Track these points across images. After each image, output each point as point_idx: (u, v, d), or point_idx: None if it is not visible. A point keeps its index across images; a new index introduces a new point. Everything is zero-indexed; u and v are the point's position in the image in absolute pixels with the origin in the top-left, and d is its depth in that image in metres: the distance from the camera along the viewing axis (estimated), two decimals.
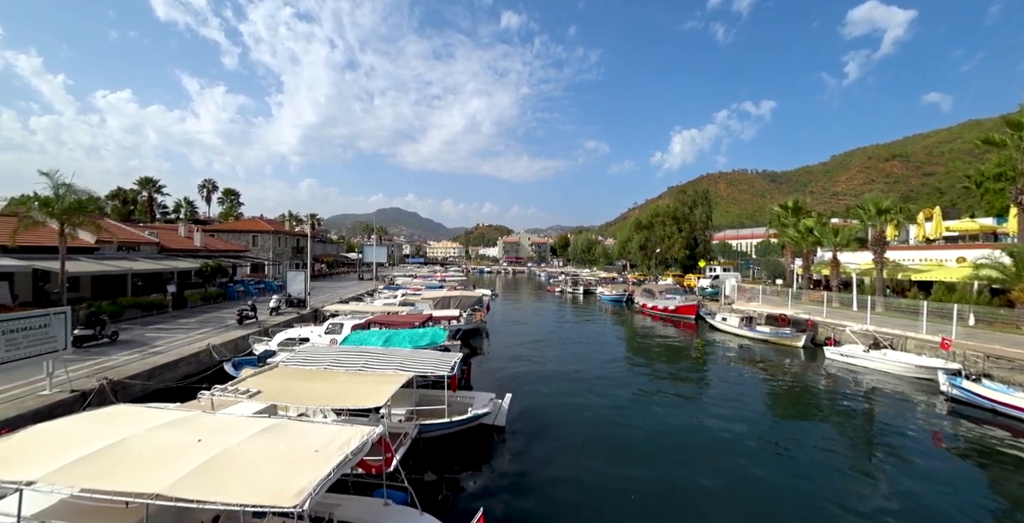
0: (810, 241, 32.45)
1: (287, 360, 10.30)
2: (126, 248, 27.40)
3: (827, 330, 21.85)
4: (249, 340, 17.30)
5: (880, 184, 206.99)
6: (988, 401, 12.56)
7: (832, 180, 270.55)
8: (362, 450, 5.33)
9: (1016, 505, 8.42)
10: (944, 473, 9.73)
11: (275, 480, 4.47)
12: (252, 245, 48.56)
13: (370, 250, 64.09)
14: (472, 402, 10.72)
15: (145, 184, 55.17)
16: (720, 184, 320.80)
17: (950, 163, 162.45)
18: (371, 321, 16.23)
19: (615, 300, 42.77)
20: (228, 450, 5.01)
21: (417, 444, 8.97)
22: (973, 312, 19.18)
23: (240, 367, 12.96)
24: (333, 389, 8.11)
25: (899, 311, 22.45)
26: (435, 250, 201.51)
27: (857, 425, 12.64)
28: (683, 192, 66.99)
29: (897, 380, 16.06)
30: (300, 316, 23.24)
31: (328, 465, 4.71)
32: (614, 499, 8.30)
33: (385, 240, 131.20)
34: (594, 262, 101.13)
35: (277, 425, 5.91)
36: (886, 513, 7.98)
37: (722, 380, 17.62)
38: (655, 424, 12.24)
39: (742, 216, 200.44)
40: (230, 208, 73.32)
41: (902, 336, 18.39)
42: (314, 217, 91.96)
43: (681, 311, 31.04)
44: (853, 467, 9.91)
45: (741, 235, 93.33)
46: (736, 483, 9.09)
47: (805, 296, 28.95)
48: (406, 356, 10.08)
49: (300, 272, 28.05)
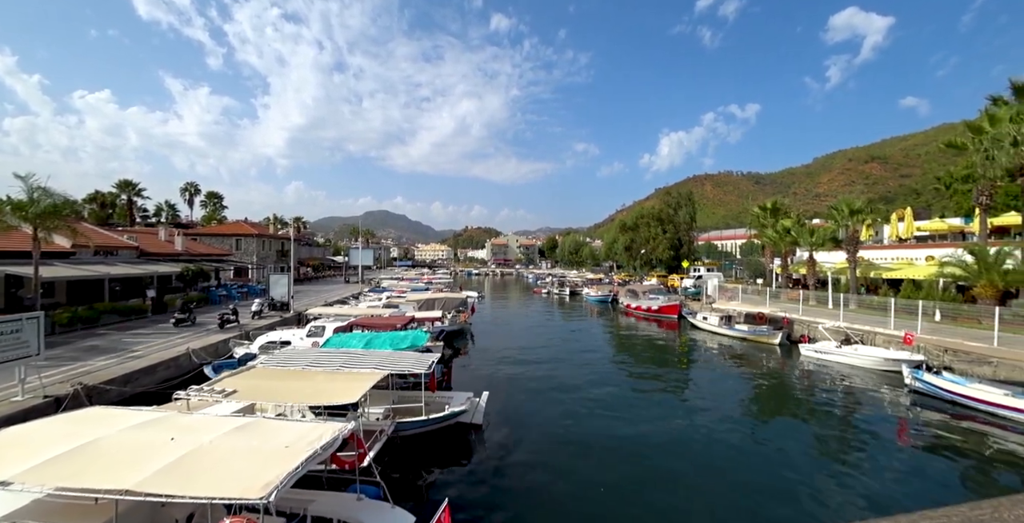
0: (788, 241, 33.32)
1: (265, 361, 10.37)
2: (104, 252, 26.96)
3: (802, 328, 22.49)
4: (230, 344, 17.23)
5: (860, 185, 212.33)
6: (946, 392, 13.14)
7: (815, 181, 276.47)
8: (332, 445, 5.48)
9: (968, 488, 8.96)
10: (904, 460, 10.19)
11: (244, 474, 4.62)
12: (236, 249, 48.01)
13: (356, 253, 63.69)
14: (450, 401, 10.90)
15: (125, 187, 54.11)
16: (706, 185, 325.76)
17: (925, 165, 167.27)
18: (353, 323, 16.29)
19: (600, 301, 43.25)
20: (200, 448, 5.13)
21: (394, 441, 9.13)
22: (938, 308, 19.93)
23: (220, 370, 12.94)
24: (309, 388, 8.22)
25: (871, 308, 23.23)
26: (423, 253, 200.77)
27: (828, 417, 13.10)
28: (668, 194, 67.96)
29: (866, 374, 16.65)
30: (283, 320, 23.13)
31: (297, 459, 4.86)
32: (584, 492, 8.54)
33: (373, 243, 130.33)
34: (582, 263, 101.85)
35: (251, 423, 6.04)
36: (853, 496, 8.47)
37: (700, 377, 18.07)
38: (633, 420, 12.54)
39: (728, 217, 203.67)
40: (213, 211, 72.24)
41: (872, 332, 19.05)
42: (299, 220, 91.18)
43: (664, 311, 31.58)
44: (823, 456, 10.42)
45: (725, 236, 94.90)
46: (710, 475, 9.41)
47: (783, 295, 29.71)
48: (385, 356, 10.22)
49: (283, 275, 27.91)
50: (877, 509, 8.03)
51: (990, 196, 23.26)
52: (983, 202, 23.34)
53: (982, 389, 12.59)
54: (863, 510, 8.05)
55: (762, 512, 8.05)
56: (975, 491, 8.87)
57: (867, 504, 8.25)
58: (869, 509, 8.06)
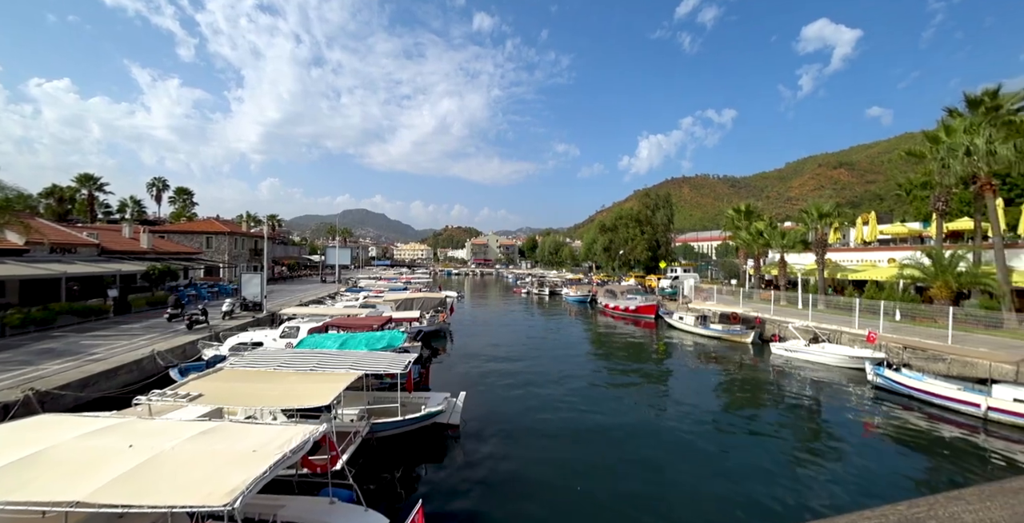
0: (760, 243, 34.32)
1: (234, 363, 10.02)
2: (61, 250, 25.62)
3: (774, 327, 23.20)
4: (198, 345, 16.60)
5: (829, 190, 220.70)
6: (905, 387, 13.78)
7: (787, 185, 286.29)
8: (302, 448, 5.33)
9: (919, 477, 9.43)
10: (865, 451, 10.67)
11: (207, 481, 4.43)
12: (206, 247, 46.36)
13: (333, 252, 62.39)
14: (426, 401, 10.78)
15: (85, 181, 51.49)
16: (684, 188, 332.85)
17: (889, 172, 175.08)
18: (329, 324, 15.93)
19: (580, 301, 43.61)
20: (160, 454, 4.90)
21: (370, 443, 8.97)
22: (898, 308, 20.87)
23: (187, 373, 12.45)
24: (280, 389, 7.97)
25: (838, 308, 24.15)
26: (402, 252, 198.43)
27: (796, 412, 13.55)
28: (646, 195, 69.06)
29: (833, 371, 17.29)
30: (256, 320, 22.44)
31: (264, 464, 4.70)
32: (560, 491, 8.57)
33: (350, 242, 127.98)
34: (561, 264, 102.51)
35: (217, 428, 5.82)
36: (816, 484, 8.94)
37: (677, 376, 18.41)
38: (610, 419, 12.67)
39: (704, 219, 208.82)
40: (183, 208, 69.53)
41: (838, 331, 19.80)
42: (274, 218, 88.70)
43: (641, 311, 32.06)
44: (792, 448, 10.84)
45: (702, 237, 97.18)
46: (685, 470, 9.60)
47: (756, 295, 30.58)
48: (360, 357, 10.03)
49: (256, 274, 27.10)
50: (836, 496, 8.48)
51: (946, 202, 24.48)
52: (939, 208, 24.54)
53: (937, 384, 13.25)
54: (824, 497, 8.49)
55: (738, 502, 8.32)
56: (925, 480, 9.40)
57: (829, 491, 8.71)
58: (829, 496, 8.51)
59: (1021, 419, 11.42)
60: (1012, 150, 19.21)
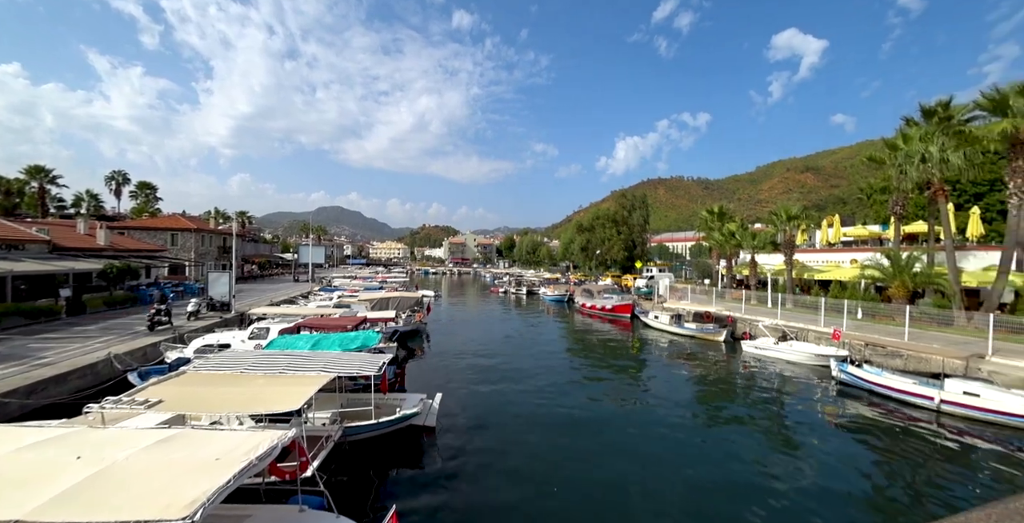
0: (732, 244, 35.33)
1: (198, 366, 9.57)
2: (6, 246, 23.98)
3: (745, 325, 23.89)
4: (161, 347, 15.80)
5: (796, 193, 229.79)
6: (866, 383, 14.42)
7: (757, 188, 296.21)
8: (270, 455, 5.09)
9: (880, 463, 9.90)
10: (828, 443, 11.14)
11: (165, 492, 4.16)
12: (171, 244, 44.34)
13: (306, 250, 60.70)
14: (402, 403, 10.56)
15: (35, 173, 48.34)
16: (660, 189, 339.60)
17: (851, 177, 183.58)
18: (300, 325, 15.44)
19: (557, 300, 43.87)
20: (112, 466, 4.58)
21: (342, 447, 8.71)
22: (860, 307, 21.83)
23: (148, 377, 11.81)
24: (247, 393, 7.64)
25: (804, 307, 25.08)
26: (378, 251, 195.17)
27: (765, 407, 13.99)
28: (623, 196, 70.06)
29: (800, 368, 17.92)
30: (223, 321, 21.58)
31: (228, 473, 4.46)
32: (537, 493, 8.53)
33: (325, 240, 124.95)
34: (539, 263, 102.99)
35: (177, 435, 5.50)
36: (782, 474, 9.30)
37: (652, 374, 18.71)
38: (587, 418, 12.75)
39: (679, 220, 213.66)
40: (145, 203, 66.30)
41: (805, 329, 20.55)
42: (244, 215, 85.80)
43: (617, 310, 32.48)
44: (761, 442, 11.26)
45: (676, 238, 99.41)
46: (661, 468, 9.70)
47: (728, 294, 31.44)
48: (332, 358, 9.73)
49: (224, 273, 26.04)
50: (802, 481, 9.07)
51: (903, 206, 25.78)
52: (897, 211, 25.83)
53: (895, 379, 13.92)
54: (790, 481, 9.04)
55: (712, 488, 8.64)
56: (882, 466, 10.01)
57: (795, 477, 9.24)
58: (795, 480, 9.08)
59: (970, 411, 12.11)
60: (962, 158, 20.38)
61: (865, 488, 9.00)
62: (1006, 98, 18.67)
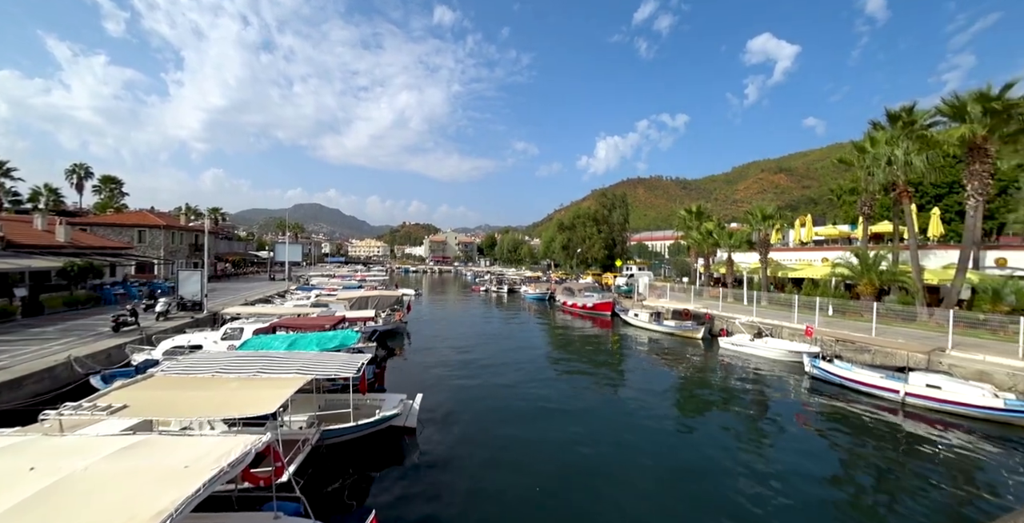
0: (710, 243, 36.10)
1: (167, 368, 9.17)
2: None
3: (722, 323, 24.43)
4: (127, 349, 15.12)
5: (770, 194, 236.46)
6: (837, 377, 14.95)
7: (733, 189, 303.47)
8: (243, 462, 4.90)
9: (848, 452, 10.30)
10: (801, 436, 11.56)
11: (128, 504, 3.94)
12: (138, 242, 42.53)
13: (282, 248, 59.13)
14: (381, 404, 10.37)
15: None
16: (639, 189, 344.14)
17: (822, 178, 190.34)
18: (276, 325, 14.99)
19: (538, 298, 44.00)
20: (70, 476, 4.31)
21: (319, 451, 8.49)
22: (831, 304, 22.60)
23: (112, 380, 11.25)
24: (219, 397, 7.34)
25: (779, 304, 25.81)
26: (358, 249, 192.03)
27: (741, 401, 14.35)
28: (603, 195, 70.72)
29: (775, 363, 18.43)
30: (195, 321, 20.83)
31: (197, 481, 4.26)
32: (519, 492, 8.50)
33: (302, 238, 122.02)
34: (520, 262, 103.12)
35: (142, 442, 5.23)
36: (759, 462, 9.69)
37: (632, 371, 18.94)
38: (568, 416, 12.77)
39: (658, 219, 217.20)
40: (109, 199, 63.30)
41: (779, 326, 21.14)
42: (217, 211, 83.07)
43: (598, 308, 32.79)
44: (736, 434, 11.60)
45: (655, 237, 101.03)
46: (640, 463, 9.80)
47: (706, 292, 32.11)
48: (309, 359, 9.46)
49: (196, 271, 25.13)
50: (775, 469, 9.46)
51: (870, 207, 26.79)
52: (865, 212, 26.83)
53: (863, 373, 14.46)
54: (765, 470, 9.43)
55: (686, 485, 8.84)
56: (849, 456, 10.48)
57: (769, 466, 9.62)
58: (769, 469, 9.49)
59: (932, 403, 12.67)
60: (924, 162, 21.29)
61: (832, 477, 9.34)
62: (964, 105, 19.58)
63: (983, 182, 19.56)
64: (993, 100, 18.64)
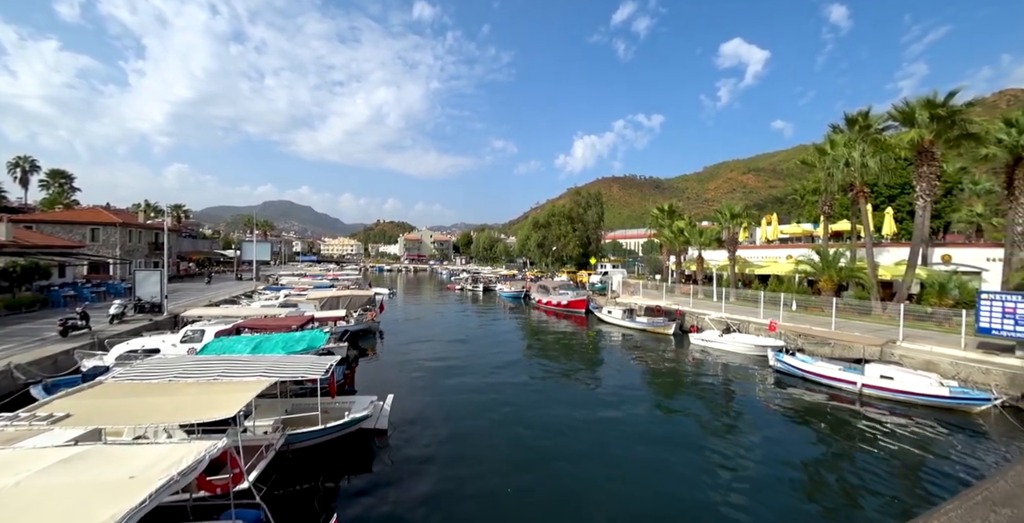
0: (681, 241, 36.97)
1: (120, 374, 8.66)
2: None
3: (692, 319, 25.05)
4: (75, 355, 14.23)
5: (739, 193, 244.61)
6: (799, 370, 15.56)
7: (704, 188, 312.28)
8: (195, 469, 4.66)
9: (810, 440, 10.77)
10: (765, 426, 11.97)
11: (66, 520, 3.69)
12: (91, 240, 40.16)
13: (250, 246, 57.11)
14: (351, 406, 10.12)
15: None
16: (614, 187, 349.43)
17: (788, 178, 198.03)
18: (240, 326, 14.43)
19: (513, 297, 44.05)
20: (1, 492, 4.00)
21: (285, 456, 8.21)
22: (795, 300, 23.53)
23: (56, 390, 10.55)
24: (175, 403, 6.98)
25: (746, 300, 26.66)
26: (331, 247, 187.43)
27: (709, 394, 14.81)
28: (578, 193, 71.35)
29: (742, 358, 19.03)
30: (154, 324, 19.83)
31: (143, 492, 4.01)
32: (491, 495, 8.44)
33: (272, 236, 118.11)
34: (496, 260, 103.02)
35: (85, 453, 4.91)
36: (726, 451, 10.09)
37: (605, 366, 19.19)
38: (542, 415, 12.78)
39: (632, 217, 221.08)
40: (59, 194, 59.51)
41: (746, 321, 21.84)
42: (180, 208, 79.46)
43: (572, 305, 33.08)
44: (704, 426, 12.10)
45: (629, 235, 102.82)
46: (614, 461, 9.89)
47: (678, 289, 32.89)
48: (274, 361, 9.14)
49: (154, 272, 23.90)
50: (741, 459, 9.86)
51: (830, 206, 28.04)
52: (825, 211, 28.06)
53: (823, 366, 15.10)
54: (731, 459, 9.82)
55: (655, 474, 9.03)
56: (812, 443, 11.05)
57: (735, 455, 10.07)
58: (734, 458, 9.90)
59: (886, 393, 13.36)
60: (878, 163, 22.42)
61: (794, 464, 9.73)
62: (913, 111, 20.69)
63: (931, 183, 20.74)
64: (939, 106, 19.78)
